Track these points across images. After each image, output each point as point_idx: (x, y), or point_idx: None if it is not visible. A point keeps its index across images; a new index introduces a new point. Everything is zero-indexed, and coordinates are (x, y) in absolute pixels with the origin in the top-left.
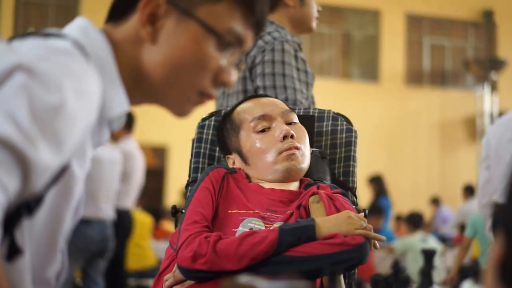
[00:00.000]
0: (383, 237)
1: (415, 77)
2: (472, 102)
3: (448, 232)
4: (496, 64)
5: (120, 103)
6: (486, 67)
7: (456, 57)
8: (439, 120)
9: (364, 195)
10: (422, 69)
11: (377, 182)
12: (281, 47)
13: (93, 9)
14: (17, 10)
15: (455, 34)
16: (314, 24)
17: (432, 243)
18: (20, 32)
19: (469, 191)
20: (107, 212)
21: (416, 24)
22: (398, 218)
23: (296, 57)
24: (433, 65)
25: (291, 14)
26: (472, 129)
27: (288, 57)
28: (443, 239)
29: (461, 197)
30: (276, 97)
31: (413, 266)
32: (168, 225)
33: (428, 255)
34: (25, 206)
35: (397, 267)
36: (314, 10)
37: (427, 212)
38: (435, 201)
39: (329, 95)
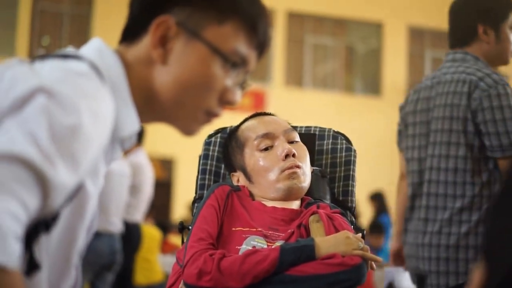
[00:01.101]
0: (379, 258)
1: None
2: None
3: None
4: None
5: (131, 123)
6: None
7: None
8: None
9: (367, 212)
10: None
11: (378, 199)
12: (504, 91)
13: (106, 19)
14: (33, 18)
15: None
16: (510, 57)
17: None
18: (36, 39)
19: None
20: (116, 225)
21: (418, 37)
22: None
23: None
24: None
25: (486, 49)
26: None
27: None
28: None
29: None
30: (501, 145)
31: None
32: (176, 239)
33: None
34: (42, 223)
35: None
36: (510, 43)
37: None
38: None
39: (332, 108)
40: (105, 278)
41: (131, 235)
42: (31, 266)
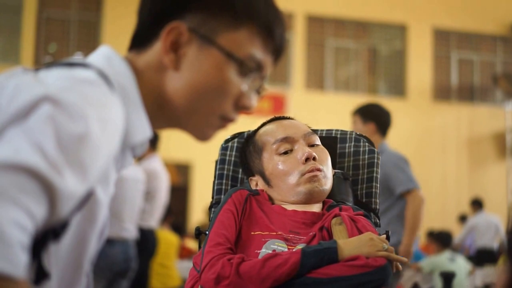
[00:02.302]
0: (405, 259)
1: (443, 92)
2: (501, 117)
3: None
4: None
5: (142, 130)
6: None
7: (485, 71)
8: (468, 136)
9: None
10: (450, 84)
11: None
12: None
13: (116, 25)
14: (39, 25)
15: (484, 48)
16: None
17: (461, 262)
18: (42, 46)
19: (477, 204)
20: (130, 232)
21: (444, 38)
22: (431, 235)
23: None
24: (461, 80)
25: None
26: (502, 145)
27: None
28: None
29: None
30: None
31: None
32: (192, 244)
33: (447, 278)
34: (51, 232)
35: None
36: None
37: (456, 230)
38: (463, 219)
39: None
40: (120, 285)
41: (146, 241)
42: (40, 275)
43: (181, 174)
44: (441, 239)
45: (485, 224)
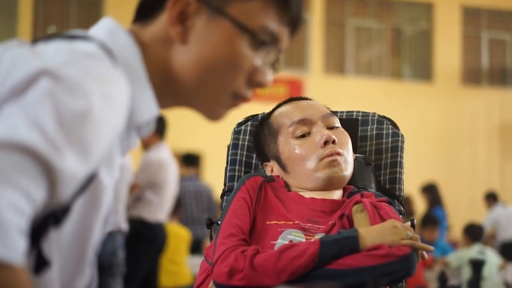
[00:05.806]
0: (431, 247)
1: (473, 75)
2: None
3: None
4: None
5: (149, 108)
6: None
7: None
8: (499, 122)
9: (419, 204)
10: (480, 66)
11: (431, 191)
12: None
13: (117, 4)
14: (36, 5)
15: None
16: None
17: (491, 256)
18: (40, 29)
19: (492, 198)
20: (111, 224)
21: (474, 17)
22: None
23: None
24: (492, 62)
25: None
26: None
27: None
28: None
29: None
30: None
31: None
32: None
33: (476, 265)
34: (52, 217)
35: (443, 279)
36: None
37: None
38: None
39: (378, 96)
40: (111, 283)
41: (154, 236)
42: (40, 262)
43: None
44: (471, 232)
45: (505, 216)
